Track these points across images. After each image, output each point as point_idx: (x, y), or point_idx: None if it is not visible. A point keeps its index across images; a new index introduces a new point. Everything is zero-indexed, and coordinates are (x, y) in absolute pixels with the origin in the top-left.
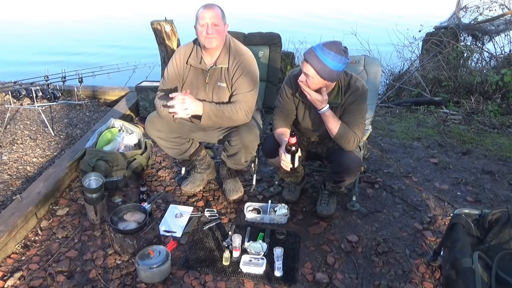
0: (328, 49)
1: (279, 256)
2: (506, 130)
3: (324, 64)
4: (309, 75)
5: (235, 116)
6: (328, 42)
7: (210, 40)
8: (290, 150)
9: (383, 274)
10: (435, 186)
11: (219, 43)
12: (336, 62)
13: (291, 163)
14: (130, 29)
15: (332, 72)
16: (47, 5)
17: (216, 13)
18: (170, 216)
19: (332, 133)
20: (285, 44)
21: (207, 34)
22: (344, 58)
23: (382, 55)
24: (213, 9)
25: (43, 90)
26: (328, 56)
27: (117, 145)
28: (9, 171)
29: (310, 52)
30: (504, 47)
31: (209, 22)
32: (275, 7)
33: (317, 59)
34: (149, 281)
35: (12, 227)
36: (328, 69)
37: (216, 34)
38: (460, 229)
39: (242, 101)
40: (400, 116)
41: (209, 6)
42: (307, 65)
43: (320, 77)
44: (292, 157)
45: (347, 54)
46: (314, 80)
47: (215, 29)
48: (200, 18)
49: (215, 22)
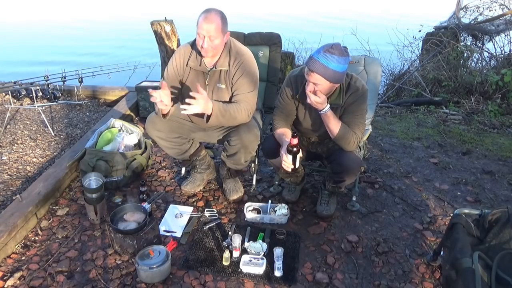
0: (330, 53)
1: (279, 256)
2: (506, 130)
3: (331, 70)
4: (318, 84)
5: (239, 116)
6: (328, 47)
7: (205, 52)
8: (292, 151)
9: (383, 274)
10: (435, 186)
11: (216, 53)
12: (341, 64)
13: (292, 163)
14: (130, 29)
15: (340, 75)
16: (46, 6)
17: (215, 26)
18: (170, 216)
19: (333, 134)
20: (285, 44)
21: (201, 47)
22: (347, 58)
23: (382, 55)
24: (211, 23)
25: (43, 90)
26: (332, 61)
27: (117, 145)
28: (9, 171)
29: (313, 62)
30: (504, 47)
31: (206, 35)
32: (275, 7)
33: (323, 67)
34: (149, 281)
35: (12, 227)
36: (336, 73)
37: (211, 48)
38: (460, 229)
39: (244, 101)
40: (400, 116)
41: (209, 17)
42: (314, 74)
43: (330, 83)
44: (294, 157)
45: (348, 53)
46: (324, 86)
47: (210, 44)
48: (199, 27)
49: (212, 35)
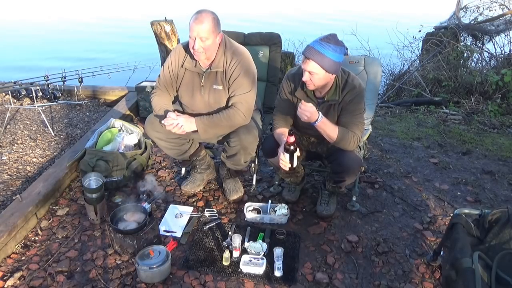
0: (327, 42)
1: (279, 256)
2: (506, 130)
3: (327, 57)
4: (313, 72)
5: (234, 122)
6: (324, 37)
7: (197, 55)
8: (289, 149)
9: (383, 274)
10: (435, 186)
11: (209, 56)
12: (337, 53)
13: (289, 162)
14: (130, 29)
15: (335, 64)
16: (45, 6)
17: (206, 27)
18: (170, 216)
19: (332, 139)
20: (285, 44)
21: (193, 49)
22: (343, 48)
23: (382, 55)
24: (202, 23)
25: (43, 90)
26: (328, 49)
27: (117, 145)
28: (9, 171)
29: (309, 49)
30: (504, 47)
31: (197, 36)
32: (275, 7)
33: (319, 54)
34: (149, 281)
35: (12, 227)
36: (331, 61)
37: (203, 49)
38: (460, 229)
39: (240, 103)
40: (400, 116)
41: (200, 18)
42: (309, 62)
43: (325, 71)
44: (291, 156)
45: (343, 44)
46: (319, 75)
47: (202, 45)
48: (190, 29)
49: (203, 37)
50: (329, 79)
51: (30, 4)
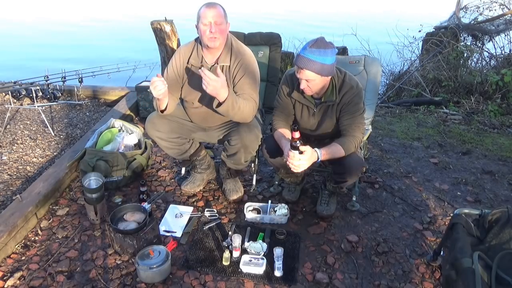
0: (316, 48)
1: (279, 256)
2: (506, 130)
3: (318, 63)
4: (310, 79)
5: (246, 112)
6: (312, 42)
7: (214, 39)
8: (296, 146)
9: (383, 274)
10: (435, 186)
11: (222, 42)
12: (329, 56)
13: (299, 159)
14: (130, 29)
15: (329, 67)
16: (46, 6)
17: (219, 12)
18: (170, 216)
19: (341, 156)
20: (285, 44)
21: (210, 33)
22: (333, 49)
23: (382, 55)
24: (215, 8)
25: (43, 90)
26: (318, 54)
27: (117, 145)
28: (9, 171)
29: (301, 58)
30: (504, 47)
31: (212, 21)
32: (275, 7)
33: (311, 62)
34: (149, 281)
35: (12, 227)
36: (325, 65)
37: (219, 33)
38: (460, 229)
39: (251, 100)
40: (400, 116)
41: (211, 4)
42: (303, 71)
43: (321, 76)
44: (300, 152)
45: (333, 45)
46: (315, 81)
47: (218, 28)
48: (203, 17)
49: (217, 21)
50: (326, 82)
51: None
